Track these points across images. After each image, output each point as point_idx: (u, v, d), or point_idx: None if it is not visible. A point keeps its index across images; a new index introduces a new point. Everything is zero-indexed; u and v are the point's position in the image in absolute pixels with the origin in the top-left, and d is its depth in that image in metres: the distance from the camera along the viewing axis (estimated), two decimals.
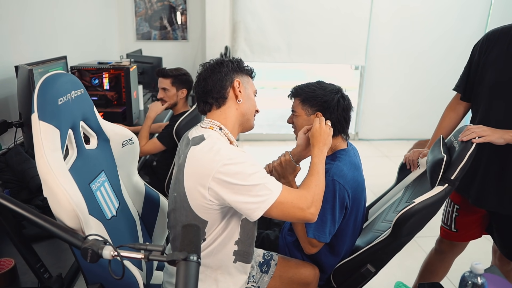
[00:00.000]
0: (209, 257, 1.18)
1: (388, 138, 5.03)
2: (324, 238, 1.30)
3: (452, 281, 2.07)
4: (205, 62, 1.26)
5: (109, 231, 1.12)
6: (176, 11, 4.47)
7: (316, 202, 1.12)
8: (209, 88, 1.19)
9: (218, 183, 1.04)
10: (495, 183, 1.51)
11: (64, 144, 1.01)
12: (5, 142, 1.96)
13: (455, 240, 1.74)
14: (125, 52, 4.01)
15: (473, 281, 0.98)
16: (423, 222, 1.31)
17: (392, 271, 1.79)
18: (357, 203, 1.38)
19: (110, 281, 1.03)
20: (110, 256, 0.79)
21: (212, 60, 1.25)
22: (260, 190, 1.05)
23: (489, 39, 1.52)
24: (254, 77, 1.30)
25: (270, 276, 1.35)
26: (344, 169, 1.32)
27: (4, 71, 2.03)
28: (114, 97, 2.63)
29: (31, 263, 1.05)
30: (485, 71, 1.52)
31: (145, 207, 1.43)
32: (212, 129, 1.17)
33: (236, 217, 1.16)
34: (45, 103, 0.95)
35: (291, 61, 4.71)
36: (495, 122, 1.41)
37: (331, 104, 1.36)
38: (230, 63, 1.21)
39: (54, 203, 0.92)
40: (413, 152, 1.64)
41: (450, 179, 1.25)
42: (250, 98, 1.25)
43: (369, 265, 1.35)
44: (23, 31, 2.24)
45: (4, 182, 1.54)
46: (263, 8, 4.40)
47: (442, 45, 4.64)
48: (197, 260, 0.70)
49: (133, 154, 1.37)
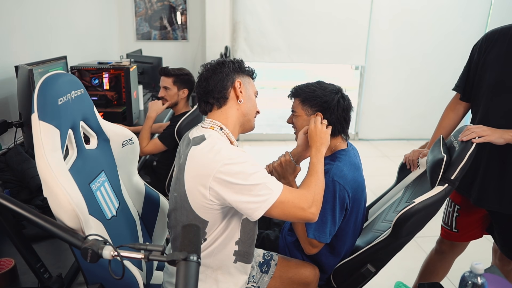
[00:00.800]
0: (209, 257, 1.18)
1: (388, 138, 5.03)
2: (324, 238, 1.30)
3: (452, 281, 2.07)
4: (206, 62, 1.26)
5: (109, 231, 1.12)
6: (176, 11, 4.47)
7: (317, 201, 1.13)
8: (210, 88, 1.19)
9: (218, 183, 1.04)
10: (495, 183, 1.51)
11: (64, 144, 1.01)
12: (5, 142, 1.96)
13: (456, 240, 1.74)
14: (125, 52, 4.01)
15: (473, 281, 0.97)
16: (423, 222, 1.31)
17: (392, 271, 1.79)
18: (357, 203, 1.38)
19: (110, 281, 1.03)
20: (110, 256, 0.79)
21: (213, 60, 1.25)
22: (261, 190, 1.05)
23: (488, 39, 1.52)
24: (255, 78, 1.30)
25: (270, 276, 1.35)
26: (344, 169, 1.32)
27: (4, 71, 2.03)
28: (114, 97, 2.63)
29: (31, 263, 1.05)
30: (485, 71, 1.52)
31: (145, 207, 1.43)
32: (213, 129, 1.17)
33: (237, 217, 1.16)
34: (45, 103, 0.95)
35: (291, 61, 4.71)
36: (494, 122, 1.41)
37: (331, 104, 1.36)
38: (231, 64, 1.21)
39: (54, 203, 0.92)
40: (413, 152, 1.64)
41: (450, 179, 1.25)
42: (251, 99, 1.25)
43: (369, 265, 1.35)
44: (23, 31, 2.24)
45: (4, 182, 1.54)
46: (263, 8, 4.40)
47: (442, 45, 4.64)
48: (197, 260, 0.70)
49: (133, 154, 1.37)
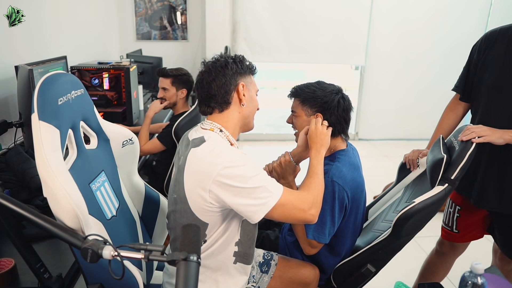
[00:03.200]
0: (209, 259, 1.18)
1: (388, 138, 5.03)
2: (323, 239, 1.30)
3: (452, 281, 2.07)
4: (207, 60, 1.20)
5: (109, 231, 1.12)
6: (176, 11, 4.47)
7: (316, 203, 1.13)
8: (213, 93, 1.16)
9: (218, 186, 1.04)
10: (495, 183, 1.51)
11: (64, 144, 1.01)
12: (5, 142, 1.96)
13: (457, 241, 1.74)
14: (125, 52, 4.01)
15: (473, 281, 0.98)
16: (423, 222, 1.31)
17: (392, 271, 1.79)
18: (357, 203, 1.37)
19: (110, 281, 1.03)
20: (110, 256, 0.79)
21: (214, 57, 1.20)
22: (261, 193, 1.05)
23: (487, 40, 1.52)
24: (255, 74, 1.26)
25: (270, 276, 1.35)
26: (344, 170, 1.32)
27: (4, 71, 2.03)
28: (114, 97, 2.63)
29: (31, 263, 1.04)
30: (484, 71, 1.52)
31: (145, 207, 1.43)
32: (213, 130, 1.16)
33: (237, 219, 1.16)
34: (45, 103, 0.95)
35: (291, 61, 4.70)
36: (494, 122, 1.41)
37: (331, 105, 1.36)
38: (234, 65, 1.17)
39: (54, 203, 0.92)
40: (413, 152, 1.64)
41: (450, 179, 1.25)
42: (253, 99, 1.23)
43: (369, 265, 1.35)
44: (23, 31, 2.23)
45: (4, 182, 1.54)
46: (263, 8, 4.39)
47: (442, 45, 4.64)
48: (197, 260, 0.70)
49: (133, 154, 1.37)
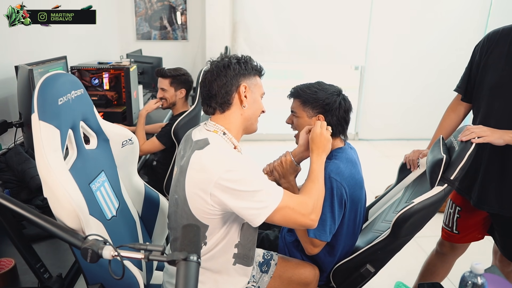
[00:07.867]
0: (210, 261, 1.18)
1: (388, 138, 5.02)
2: (325, 237, 1.30)
3: (452, 281, 2.07)
4: (213, 60, 1.19)
5: (109, 231, 1.12)
6: (176, 11, 4.47)
7: (317, 208, 1.13)
8: (213, 92, 1.15)
9: (220, 189, 1.04)
10: (495, 184, 1.51)
11: (64, 144, 1.01)
12: (5, 142, 1.96)
13: (457, 242, 1.73)
14: (125, 52, 4.01)
15: (473, 281, 0.98)
16: (423, 222, 1.30)
17: (392, 271, 1.79)
18: (356, 201, 1.37)
19: (110, 281, 1.04)
20: (110, 256, 0.79)
21: (220, 57, 1.19)
22: (263, 196, 1.05)
23: (490, 40, 1.52)
24: (263, 76, 1.23)
25: (270, 276, 1.35)
26: (341, 166, 1.32)
27: (4, 71, 2.03)
28: (114, 97, 2.63)
29: (31, 263, 1.05)
30: (486, 72, 1.51)
31: (145, 207, 1.43)
32: (216, 133, 1.16)
33: (237, 222, 1.16)
34: (45, 103, 0.96)
35: (291, 61, 4.70)
36: (495, 123, 1.41)
37: (333, 106, 1.36)
38: (237, 66, 1.15)
39: (54, 203, 0.92)
40: (413, 152, 1.64)
41: (450, 179, 1.25)
42: (256, 102, 1.21)
43: (369, 265, 1.35)
44: (23, 31, 2.23)
45: (4, 182, 1.54)
46: (263, 8, 4.39)
47: (442, 45, 4.64)
48: (197, 260, 0.70)
49: (133, 154, 1.37)
